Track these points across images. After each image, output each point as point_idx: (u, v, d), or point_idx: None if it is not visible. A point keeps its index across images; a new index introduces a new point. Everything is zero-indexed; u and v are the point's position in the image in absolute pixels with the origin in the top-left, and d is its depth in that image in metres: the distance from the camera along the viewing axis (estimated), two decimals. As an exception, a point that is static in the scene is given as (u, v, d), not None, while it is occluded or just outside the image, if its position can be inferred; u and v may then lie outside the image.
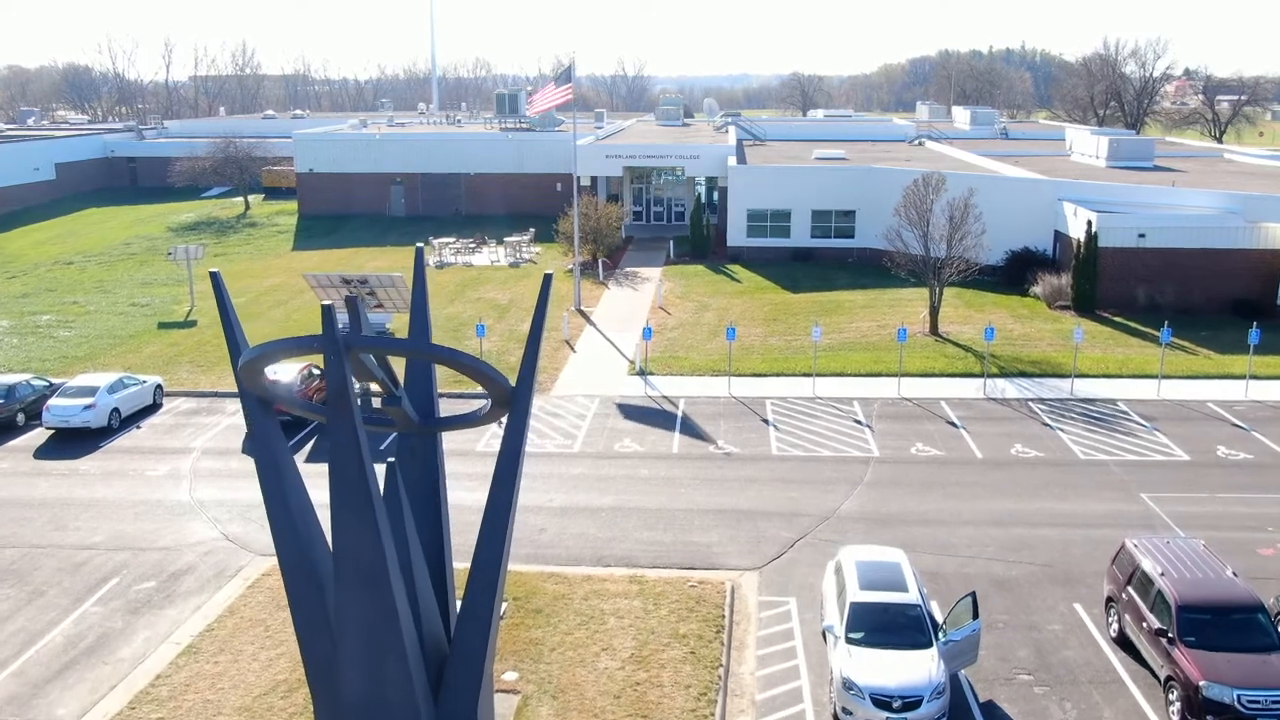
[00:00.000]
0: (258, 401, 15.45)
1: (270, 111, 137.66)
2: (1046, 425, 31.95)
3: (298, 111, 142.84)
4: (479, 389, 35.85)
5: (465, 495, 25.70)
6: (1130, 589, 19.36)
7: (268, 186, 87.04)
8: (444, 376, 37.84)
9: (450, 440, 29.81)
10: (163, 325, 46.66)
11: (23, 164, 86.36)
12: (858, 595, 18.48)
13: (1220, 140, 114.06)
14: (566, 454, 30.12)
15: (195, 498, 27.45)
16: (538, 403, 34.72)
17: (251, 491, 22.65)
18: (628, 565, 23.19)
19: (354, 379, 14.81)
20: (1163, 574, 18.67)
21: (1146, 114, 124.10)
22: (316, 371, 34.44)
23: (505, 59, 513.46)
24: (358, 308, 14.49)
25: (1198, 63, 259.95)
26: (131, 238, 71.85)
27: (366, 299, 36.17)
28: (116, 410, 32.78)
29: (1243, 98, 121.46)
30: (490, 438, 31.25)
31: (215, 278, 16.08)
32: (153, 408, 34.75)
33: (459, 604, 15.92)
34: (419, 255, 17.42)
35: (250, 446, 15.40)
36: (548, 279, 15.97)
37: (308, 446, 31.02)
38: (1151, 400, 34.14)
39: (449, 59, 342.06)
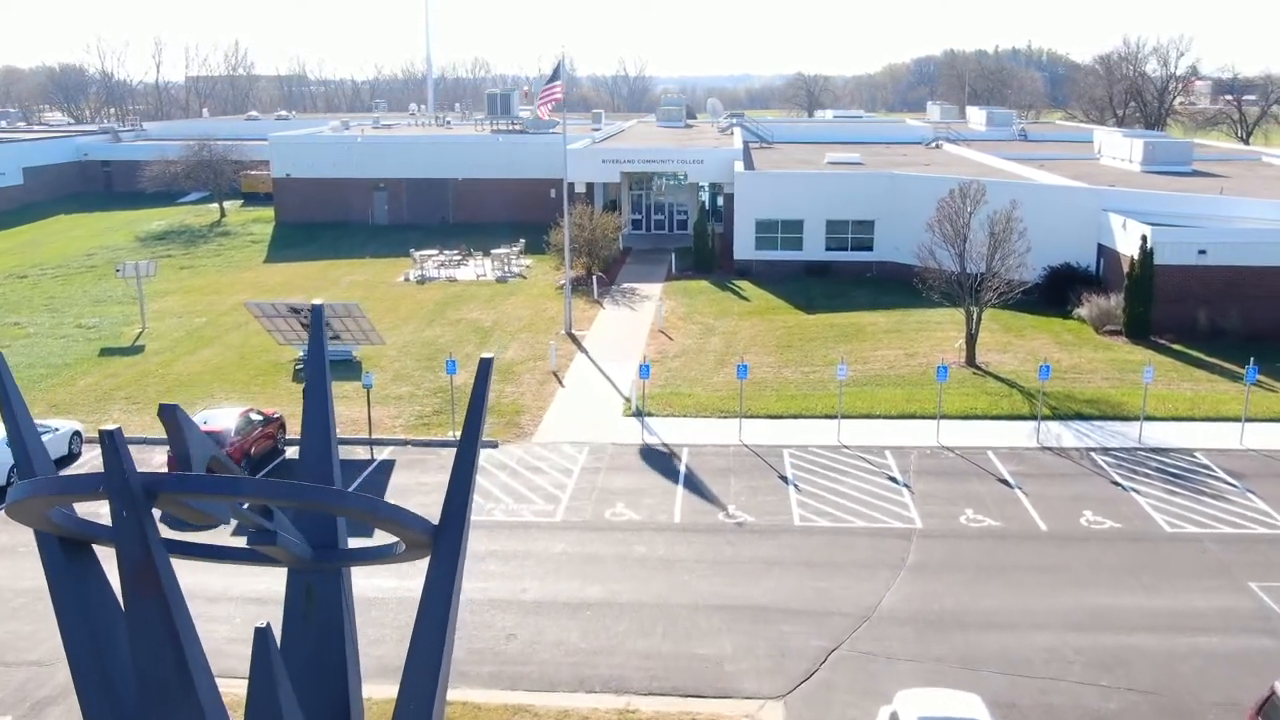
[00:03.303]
0: (58, 542, 10.63)
1: (254, 113, 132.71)
2: (1117, 485, 26.97)
3: (282, 113, 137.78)
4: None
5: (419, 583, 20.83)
6: (1291, 758, 14.45)
7: (246, 192, 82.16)
8: (410, 416, 32.94)
9: (400, 476, 24.50)
10: (105, 351, 41.75)
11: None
12: (927, 775, 13.57)
13: (1247, 142, 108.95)
14: (547, 524, 25.15)
15: (91, 585, 22.52)
16: (518, 453, 29.79)
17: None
18: (617, 690, 18.25)
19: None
20: (1343, 745, 13.77)
21: (1168, 114, 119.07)
22: (257, 418, 29.54)
23: (505, 59, 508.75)
24: (177, 420, 9.48)
25: (1223, 62, 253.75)
26: (95, 248, 66.96)
27: (320, 330, 31.23)
28: (19, 466, 27.81)
29: (1272, 96, 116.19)
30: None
31: None
32: (68, 459, 29.81)
33: None
34: (316, 316, 12.44)
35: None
36: (484, 365, 11.07)
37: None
38: (1235, 451, 29.16)
39: (447, 59, 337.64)
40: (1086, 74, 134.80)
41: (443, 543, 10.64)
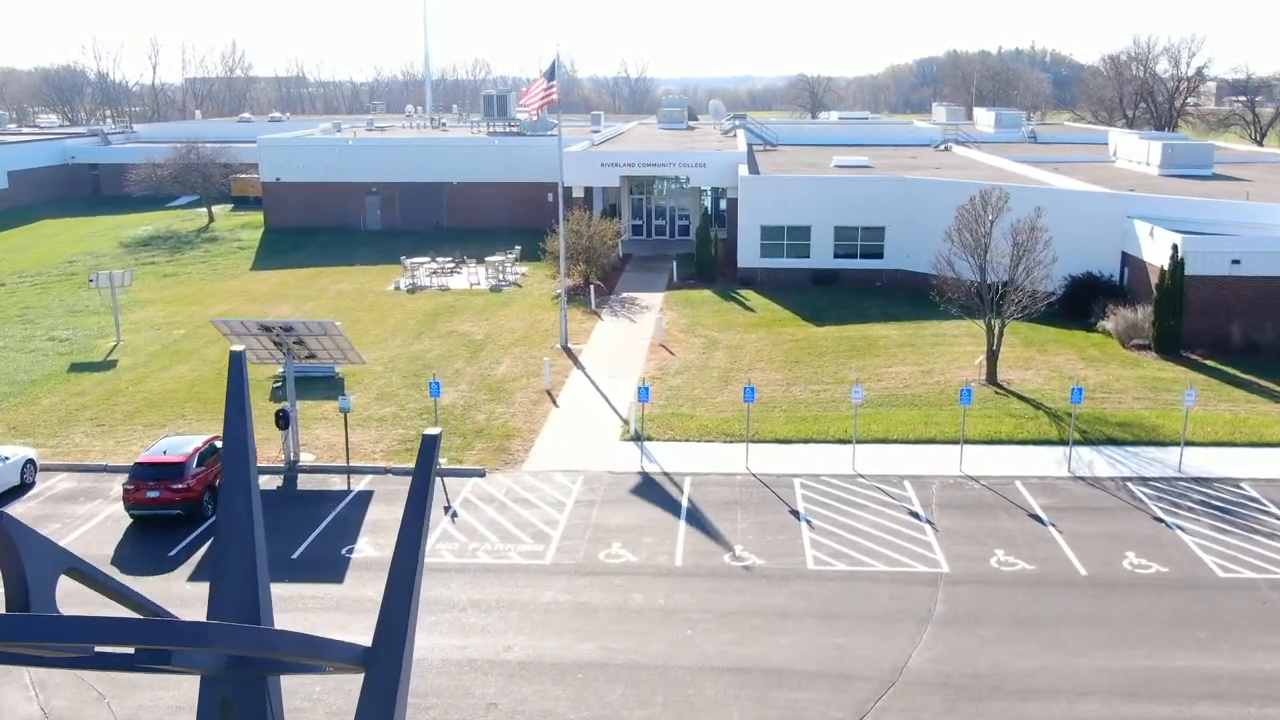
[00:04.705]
0: None
1: (246, 114, 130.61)
2: (1159, 521, 24.70)
3: (276, 114, 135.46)
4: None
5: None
6: None
7: (236, 196, 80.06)
8: (393, 440, 30.71)
9: (377, 509, 22.61)
10: (75, 367, 39.52)
11: (-30, 172, 79.42)
12: None
13: (1260, 143, 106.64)
14: (536, 567, 22.90)
15: (28, 640, 20.31)
16: (506, 483, 27.56)
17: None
18: (610, 774, 16.06)
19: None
20: None
21: (1179, 115, 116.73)
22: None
23: (505, 60, 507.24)
24: (8, 535, 7.27)
25: (1234, 63, 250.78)
26: (77, 254, 64.77)
27: (294, 349, 29.03)
28: (-38, 499, 25.71)
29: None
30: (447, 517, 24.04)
31: None
32: (20, 489, 27.61)
33: None
34: (237, 364, 10.24)
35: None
36: (428, 444, 8.86)
37: (197, 555, 23.96)
38: (1283, 480, 26.93)
39: (447, 60, 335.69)
40: (1094, 75, 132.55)
41: (376, 670, 8.44)
